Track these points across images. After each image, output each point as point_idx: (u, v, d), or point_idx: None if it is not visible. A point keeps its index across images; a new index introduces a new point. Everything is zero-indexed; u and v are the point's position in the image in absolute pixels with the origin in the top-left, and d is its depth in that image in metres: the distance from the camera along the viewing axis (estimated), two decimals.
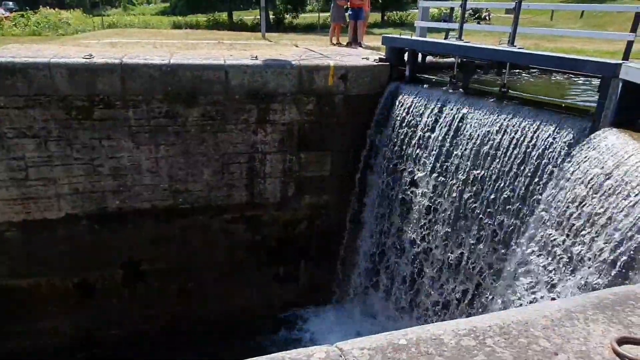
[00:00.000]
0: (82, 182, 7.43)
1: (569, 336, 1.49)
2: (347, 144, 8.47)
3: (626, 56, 7.71)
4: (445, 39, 10.69)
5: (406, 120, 7.58)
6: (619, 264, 3.99)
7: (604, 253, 4.16)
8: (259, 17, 18.46)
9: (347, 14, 12.03)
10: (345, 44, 11.84)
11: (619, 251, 4.01)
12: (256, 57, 7.96)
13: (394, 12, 32.77)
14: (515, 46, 7.73)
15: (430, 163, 7.13)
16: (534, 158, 5.64)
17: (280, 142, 8.08)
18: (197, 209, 8.14)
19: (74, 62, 6.87)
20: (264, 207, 8.50)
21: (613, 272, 4.03)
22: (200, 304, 8.80)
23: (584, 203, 4.61)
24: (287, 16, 31.47)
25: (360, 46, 11.46)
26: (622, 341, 1.44)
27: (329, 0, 13.03)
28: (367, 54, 9.58)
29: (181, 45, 9.90)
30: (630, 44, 7.79)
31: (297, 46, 10.81)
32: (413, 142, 7.47)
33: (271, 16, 30.56)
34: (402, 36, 9.27)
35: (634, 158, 4.30)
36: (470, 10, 26.77)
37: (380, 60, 8.48)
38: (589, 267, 4.32)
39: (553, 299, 4.75)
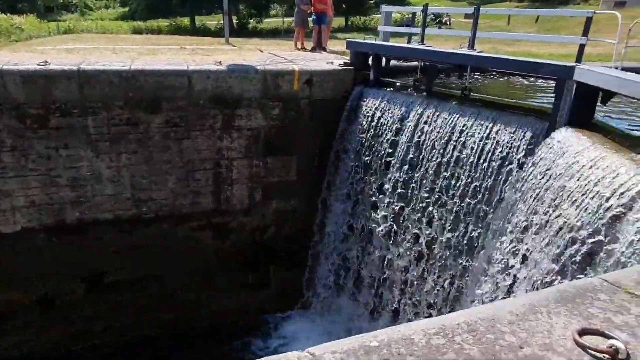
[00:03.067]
0: (38, 194, 7.12)
1: (533, 330, 1.53)
2: (314, 149, 8.48)
3: (579, 59, 8.04)
4: (408, 43, 10.89)
5: (372, 123, 7.66)
6: (575, 258, 4.14)
7: (562, 248, 4.32)
8: (222, 22, 18.28)
9: (310, 19, 12.07)
10: (309, 48, 11.87)
11: (575, 246, 4.17)
12: (220, 62, 7.87)
13: (358, 17, 33.21)
14: (475, 50, 7.95)
15: (397, 166, 7.22)
16: (497, 158, 5.81)
17: (246, 147, 8.01)
18: (161, 217, 7.95)
19: (28, 68, 6.59)
20: (231, 213, 8.39)
21: (570, 266, 4.18)
22: (168, 313, 8.59)
23: (542, 200, 4.78)
24: (251, 21, 31.36)
25: (325, 51, 11.52)
26: (583, 332, 1.49)
27: (293, 5, 12.99)
28: (332, 58, 9.64)
29: (142, 51, 9.67)
30: (582, 47, 8.13)
31: (261, 51, 10.75)
32: (379, 145, 7.54)
33: (235, 21, 30.38)
34: (366, 40, 9.38)
35: (586, 157, 4.49)
36: (432, 15, 27.44)
37: (345, 64, 8.55)
38: (549, 262, 4.47)
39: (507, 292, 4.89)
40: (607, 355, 1.40)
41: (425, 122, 6.81)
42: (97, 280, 7.96)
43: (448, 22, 30.71)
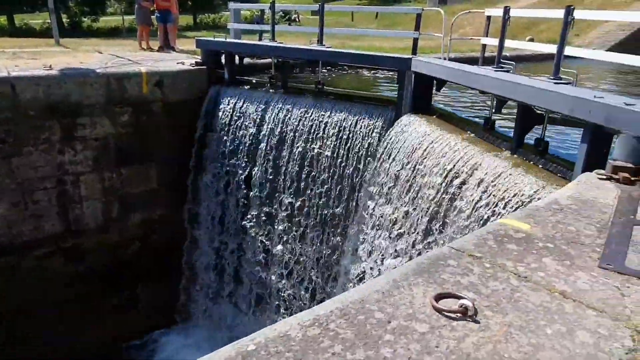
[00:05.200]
0: None
1: (397, 304, 1.63)
2: (174, 154, 8.03)
3: (414, 51, 8.91)
4: (259, 40, 10.90)
5: (231, 123, 7.53)
6: (428, 226, 4.62)
7: (416, 219, 4.78)
8: (49, 20, 16.07)
9: (154, 17, 11.38)
10: (156, 48, 11.19)
11: (427, 212, 4.64)
12: (50, 66, 6.98)
13: (206, 14, 32.27)
14: (324, 45, 8.29)
15: (261, 163, 7.22)
16: (354, 146, 6.17)
17: (94, 159, 7.25)
18: None
19: None
20: (85, 233, 7.54)
21: (425, 235, 4.65)
22: (27, 353, 7.41)
23: (396, 178, 5.22)
24: (85, 19, 28.32)
25: (174, 50, 10.98)
26: (438, 297, 1.64)
27: (133, 2, 12.07)
28: (183, 58, 9.22)
29: None
30: (416, 40, 9.02)
31: (100, 52, 9.81)
32: (241, 144, 7.46)
33: (65, 19, 27.09)
34: (217, 39, 9.15)
35: (429, 138, 5.03)
36: (281, 12, 27.94)
37: (197, 64, 8.25)
38: (408, 233, 4.91)
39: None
40: (459, 314, 1.56)
41: (284, 118, 6.92)
42: None
43: (297, 19, 31.63)
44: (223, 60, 8.16)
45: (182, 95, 7.85)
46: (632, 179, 2.80)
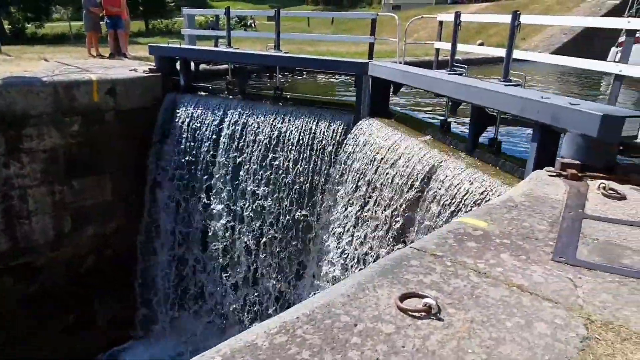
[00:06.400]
0: None
1: (363, 306, 1.64)
2: (129, 163, 7.77)
3: (370, 55, 9.03)
4: (215, 46, 10.75)
5: (190, 130, 7.37)
6: (393, 224, 4.69)
7: (382, 216, 4.84)
8: None
9: (103, 23, 11.01)
10: (107, 55, 10.82)
11: (390, 214, 4.71)
12: None
13: (159, 20, 31.50)
14: (281, 51, 8.28)
15: (222, 171, 7.11)
16: (316, 150, 6.19)
17: (42, 172, 6.90)
18: None
19: None
20: (35, 250, 7.15)
21: (391, 232, 4.72)
22: None
23: (359, 179, 5.28)
24: (29, 26, 26.98)
25: (126, 57, 10.65)
26: (403, 298, 1.66)
27: (81, 7, 11.62)
28: (135, 65, 8.95)
29: None
30: (372, 45, 9.15)
31: (47, 60, 9.37)
32: (200, 151, 7.32)
33: (6, 26, 25.74)
34: (171, 45, 8.95)
35: (389, 141, 5.11)
36: (236, 18, 27.70)
37: (151, 70, 8.03)
38: (375, 230, 4.97)
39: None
40: (423, 313, 1.59)
41: (244, 124, 6.85)
42: None
43: (253, 25, 31.45)
44: (178, 67, 7.99)
45: (136, 103, 7.62)
46: (579, 175, 2.95)
